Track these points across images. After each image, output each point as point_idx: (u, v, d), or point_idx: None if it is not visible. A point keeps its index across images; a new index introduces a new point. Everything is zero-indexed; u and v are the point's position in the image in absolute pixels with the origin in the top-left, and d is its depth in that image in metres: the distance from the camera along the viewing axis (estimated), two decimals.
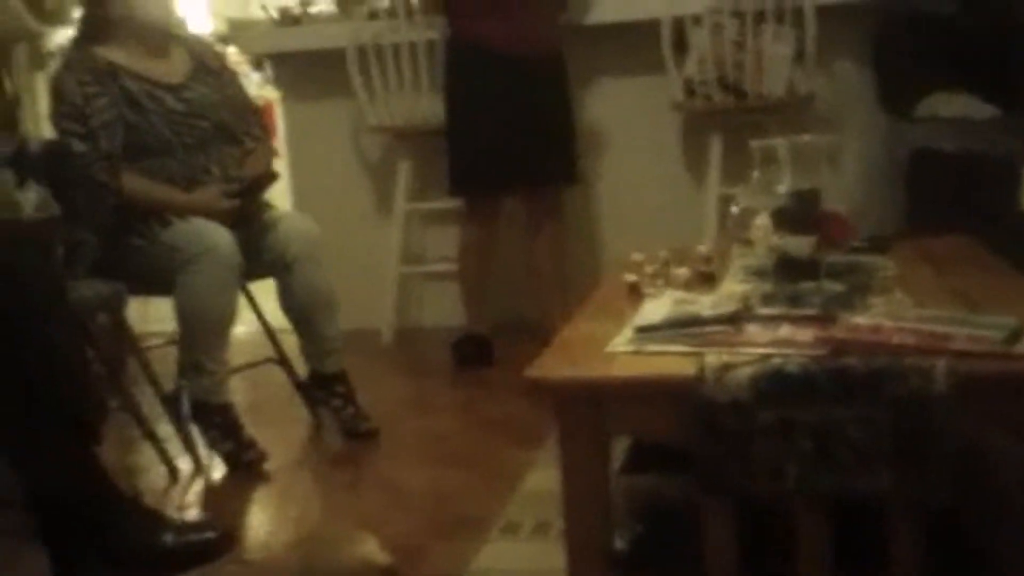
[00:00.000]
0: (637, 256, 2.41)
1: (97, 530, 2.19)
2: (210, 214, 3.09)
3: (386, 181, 4.64)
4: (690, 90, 4.13)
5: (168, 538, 2.30)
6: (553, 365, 1.83)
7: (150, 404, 3.24)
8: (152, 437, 3.16)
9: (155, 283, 3.08)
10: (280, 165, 4.02)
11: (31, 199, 2.75)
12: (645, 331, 1.86)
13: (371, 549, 1.19)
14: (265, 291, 3.42)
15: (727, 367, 1.61)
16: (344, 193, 4.74)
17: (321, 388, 3.38)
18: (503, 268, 4.28)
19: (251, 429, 3.18)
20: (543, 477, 2.82)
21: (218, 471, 3.16)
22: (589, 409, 1.76)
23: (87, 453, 2.23)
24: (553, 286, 4.06)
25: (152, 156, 3.15)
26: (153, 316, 4.12)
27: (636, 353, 1.82)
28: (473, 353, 4.06)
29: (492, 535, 2.50)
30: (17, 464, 2.20)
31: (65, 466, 2.19)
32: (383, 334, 4.54)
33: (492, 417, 3.44)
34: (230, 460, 3.14)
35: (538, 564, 2.33)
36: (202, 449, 3.21)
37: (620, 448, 2.13)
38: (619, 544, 1.83)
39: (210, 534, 2.35)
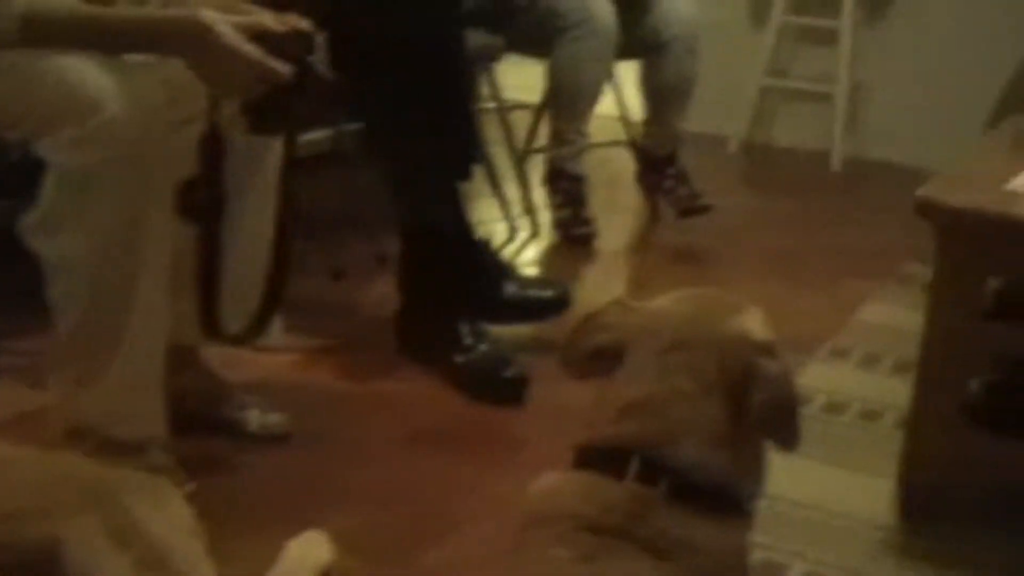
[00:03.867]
0: None
1: (451, 263, 2.29)
2: None
3: None
4: None
5: (510, 288, 2.37)
6: (947, 191, 1.73)
7: (502, 163, 3.33)
8: (499, 195, 3.27)
9: (532, 44, 3.10)
10: None
11: None
12: None
13: (752, 321, 1.17)
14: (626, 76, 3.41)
15: None
16: None
17: (655, 171, 3.36)
18: None
19: (592, 207, 3.22)
20: (879, 311, 2.74)
21: (552, 239, 3.24)
22: (973, 242, 1.66)
23: (456, 188, 2.31)
24: None
25: None
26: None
27: None
28: None
29: (820, 355, 2.46)
30: (397, 187, 2.31)
31: (438, 195, 2.28)
32: (730, 143, 4.45)
33: (835, 243, 3.34)
34: (563, 228, 3.20)
35: (864, 392, 2.28)
36: (542, 216, 3.30)
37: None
38: (971, 388, 1.75)
39: (548, 292, 2.42)
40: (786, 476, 1.74)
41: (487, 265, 2.37)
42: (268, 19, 1.63)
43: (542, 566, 1.04)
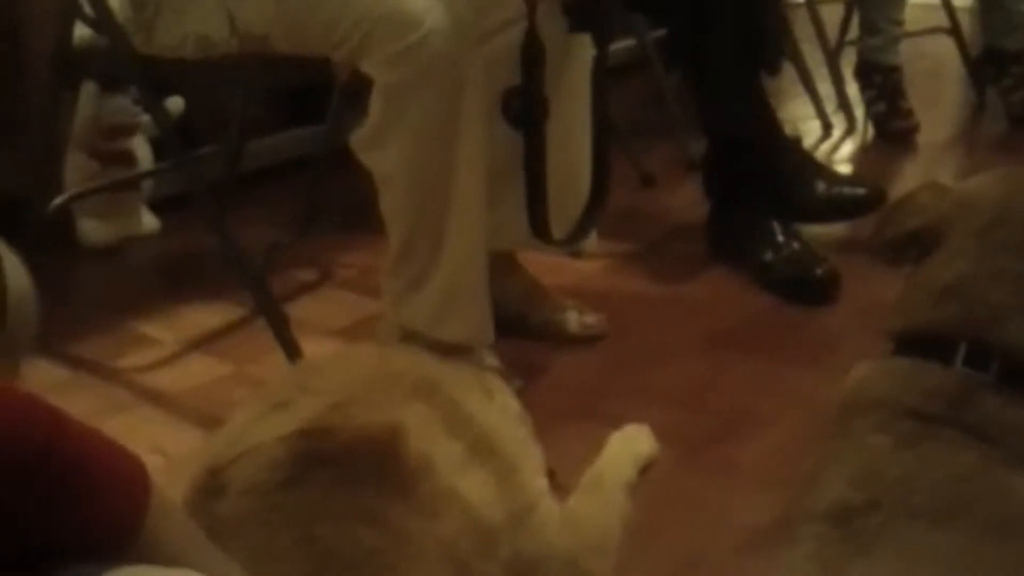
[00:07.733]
0: None
1: (761, 163, 2.25)
2: None
3: None
4: None
5: (821, 186, 2.31)
6: None
7: (813, 60, 3.23)
8: (812, 92, 3.17)
9: None
10: None
11: None
12: None
13: None
14: None
15: None
16: None
17: (994, 65, 3.15)
18: None
19: (910, 99, 3.07)
20: None
21: (869, 135, 3.12)
22: None
23: (762, 87, 2.26)
24: None
25: None
26: None
27: None
28: None
29: None
30: (703, 90, 2.29)
31: (744, 95, 2.24)
32: None
33: None
34: (880, 123, 3.08)
35: None
36: (858, 111, 3.18)
37: None
38: None
39: (860, 190, 2.34)
40: None
41: (797, 163, 2.31)
42: None
43: (862, 453, 1.02)
